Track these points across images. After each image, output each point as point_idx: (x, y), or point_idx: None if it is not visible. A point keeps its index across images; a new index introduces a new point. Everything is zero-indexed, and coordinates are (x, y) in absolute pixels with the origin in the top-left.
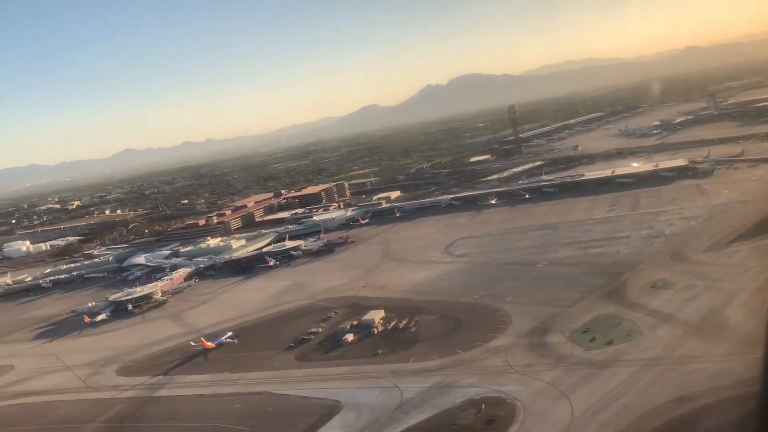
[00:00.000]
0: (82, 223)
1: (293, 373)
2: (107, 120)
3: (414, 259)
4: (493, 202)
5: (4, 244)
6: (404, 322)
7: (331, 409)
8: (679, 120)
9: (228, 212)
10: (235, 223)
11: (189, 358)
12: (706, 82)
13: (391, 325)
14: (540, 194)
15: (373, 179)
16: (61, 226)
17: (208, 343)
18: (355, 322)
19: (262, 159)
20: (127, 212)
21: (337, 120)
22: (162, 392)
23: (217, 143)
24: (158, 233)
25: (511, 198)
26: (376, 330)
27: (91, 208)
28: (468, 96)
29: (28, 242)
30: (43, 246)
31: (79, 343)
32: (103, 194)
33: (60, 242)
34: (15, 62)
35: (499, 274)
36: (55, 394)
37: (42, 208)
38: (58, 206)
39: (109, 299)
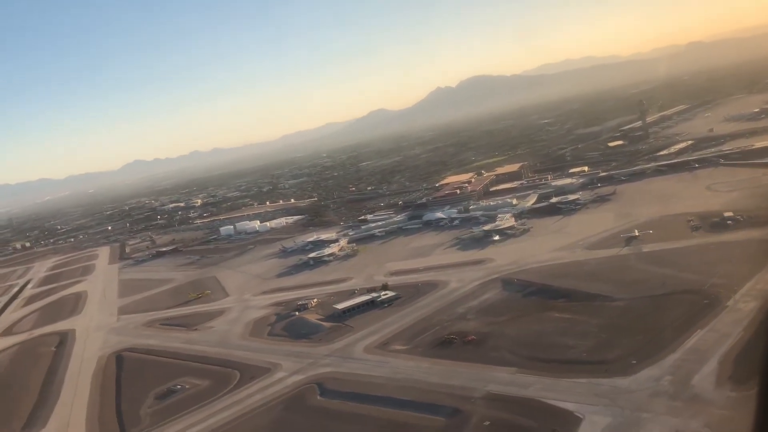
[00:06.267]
0: (249, 212)
1: (721, 237)
2: (114, 132)
3: (696, 196)
4: (696, 166)
5: (237, 224)
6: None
7: None
8: None
9: (468, 186)
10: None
11: (627, 241)
12: (741, 77)
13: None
14: (727, 159)
15: (527, 163)
16: (251, 212)
17: (637, 233)
18: (717, 219)
19: (318, 160)
20: (299, 201)
21: (345, 125)
22: (646, 250)
23: (224, 152)
24: (408, 202)
25: (706, 163)
26: (739, 219)
27: (227, 204)
28: (478, 98)
29: (257, 221)
30: (284, 222)
31: (512, 247)
32: (213, 197)
33: (288, 219)
34: (21, 77)
35: None
36: (565, 261)
37: (170, 207)
38: (182, 204)
39: (483, 228)
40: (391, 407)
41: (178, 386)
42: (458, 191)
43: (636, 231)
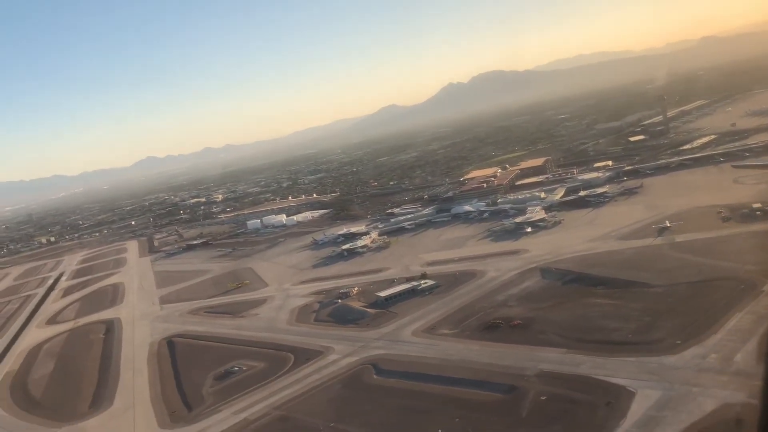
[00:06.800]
0: (272, 207)
1: (752, 227)
2: (126, 129)
3: (723, 189)
4: (721, 160)
5: (263, 218)
6: None
7: None
8: None
9: (494, 179)
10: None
11: (660, 232)
12: (758, 72)
13: None
14: (752, 153)
15: (551, 157)
16: (275, 207)
17: (668, 224)
18: (746, 210)
19: (333, 156)
20: (321, 196)
21: (355, 121)
22: (679, 240)
23: (236, 148)
24: (434, 196)
25: (731, 157)
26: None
27: (248, 199)
28: (491, 93)
29: (284, 215)
30: (309, 216)
31: (546, 238)
32: (233, 192)
33: (314, 213)
34: (34, 75)
35: None
36: (600, 251)
37: (191, 202)
38: (203, 200)
39: (515, 221)
40: (448, 385)
41: (236, 368)
42: (485, 185)
43: (667, 222)
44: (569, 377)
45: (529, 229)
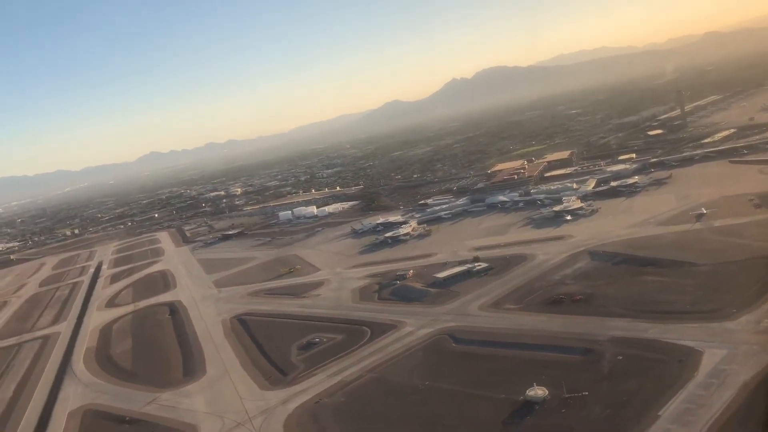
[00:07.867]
0: (297, 199)
1: None
2: (129, 124)
3: (750, 179)
4: (745, 152)
5: (294, 209)
6: None
7: None
8: None
9: (523, 171)
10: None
11: (697, 218)
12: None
13: None
14: None
15: (575, 150)
16: (300, 199)
17: (704, 210)
18: None
19: (343, 151)
20: (345, 189)
21: (359, 116)
22: (717, 225)
23: (239, 143)
24: (463, 187)
25: (754, 150)
26: None
27: (269, 192)
28: (495, 89)
29: (314, 207)
30: (340, 207)
31: (586, 225)
32: (250, 186)
33: (344, 205)
34: (38, 71)
35: None
36: (642, 235)
37: (210, 195)
38: (223, 193)
39: (554, 209)
40: (526, 350)
41: (317, 339)
42: (515, 177)
43: (703, 209)
44: (639, 341)
45: (569, 217)
